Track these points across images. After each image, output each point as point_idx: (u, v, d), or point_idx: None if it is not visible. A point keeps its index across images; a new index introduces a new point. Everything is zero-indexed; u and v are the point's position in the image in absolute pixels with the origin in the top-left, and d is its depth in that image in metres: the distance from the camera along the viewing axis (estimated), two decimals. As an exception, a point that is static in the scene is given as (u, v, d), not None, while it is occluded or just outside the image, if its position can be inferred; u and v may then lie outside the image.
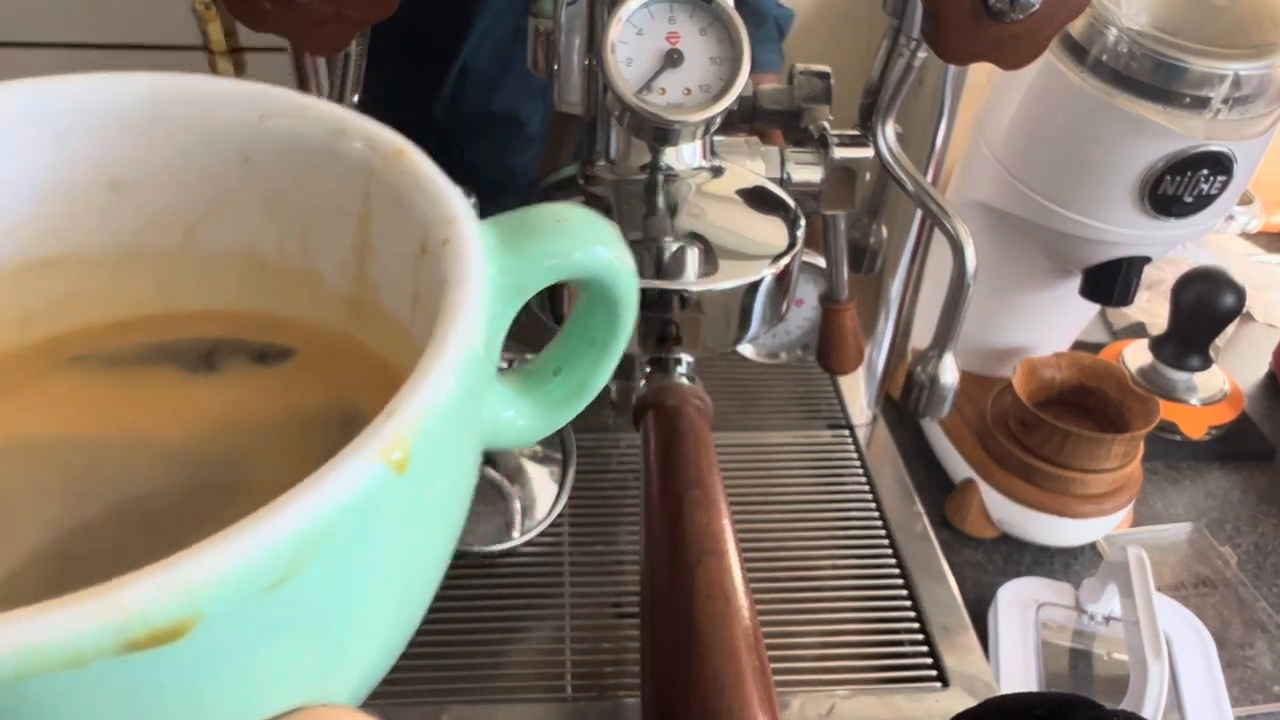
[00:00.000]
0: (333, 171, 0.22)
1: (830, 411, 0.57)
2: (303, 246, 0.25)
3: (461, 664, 0.41)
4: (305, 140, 0.22)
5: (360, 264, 0.24)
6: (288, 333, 0.26)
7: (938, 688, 0.41)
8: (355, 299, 0.24)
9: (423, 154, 0.22)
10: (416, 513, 0.17)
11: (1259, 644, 0.54)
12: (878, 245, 0.50)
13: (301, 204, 0.24)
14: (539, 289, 0.22)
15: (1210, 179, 0.48)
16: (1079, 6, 0.33)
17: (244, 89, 0.23)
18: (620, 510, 0.49)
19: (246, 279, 0.25)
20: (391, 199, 0.21)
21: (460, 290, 0.18)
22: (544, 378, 0.25)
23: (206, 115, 0.23)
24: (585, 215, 0.22)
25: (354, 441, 0.15)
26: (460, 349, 0.17)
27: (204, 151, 0.23)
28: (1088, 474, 0.55)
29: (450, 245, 0.19)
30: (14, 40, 0.73)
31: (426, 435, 0.16)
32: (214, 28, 0.71)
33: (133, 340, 0.25)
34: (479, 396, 0.19)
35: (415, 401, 0.16)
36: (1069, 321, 0.64)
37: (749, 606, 0.28)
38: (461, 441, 0.19)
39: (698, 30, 0.34)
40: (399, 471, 0.15)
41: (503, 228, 0.21)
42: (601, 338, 0.25)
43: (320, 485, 0.14)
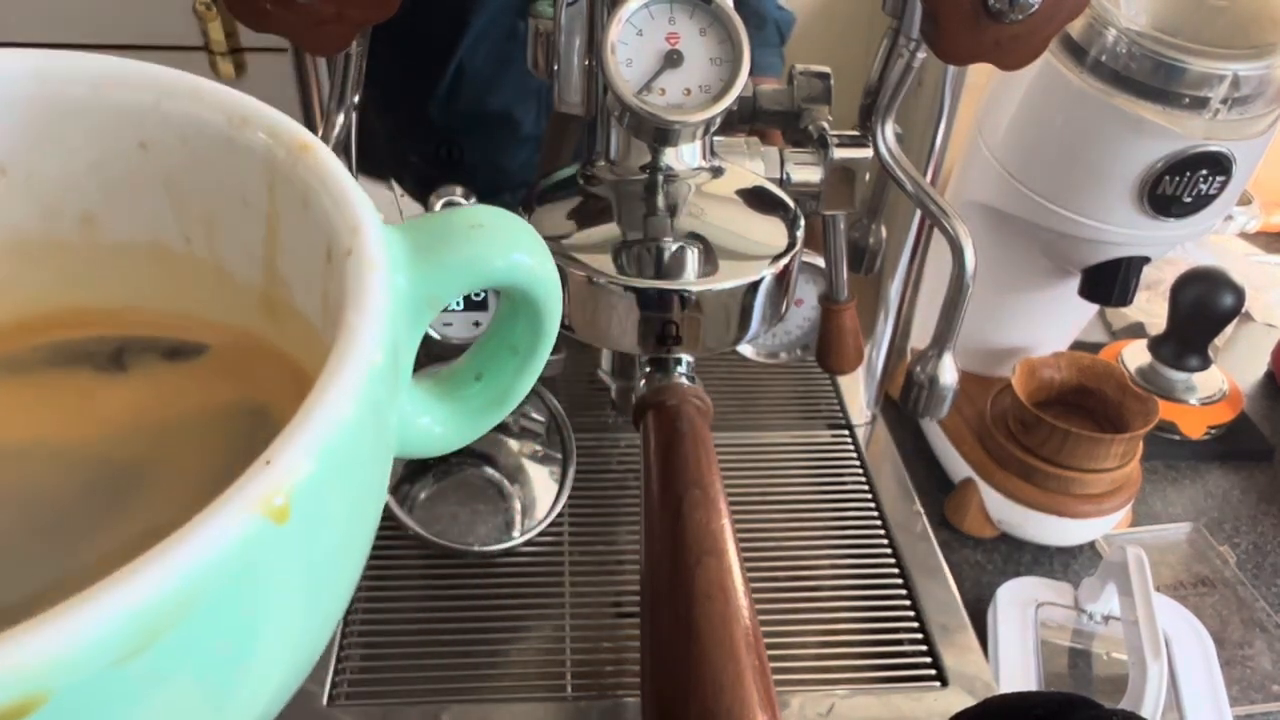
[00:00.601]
0: (235, 162, 0.21)
1: (830, 411, 0.57)
2: (209, 239, 0.23)
3: (461, 664, 0.41)
4: (204, 127, 0.21)
5: (271, 259, 0.23)
6: (200, 330, 0.24)
7: (937, 687, 0.41)
8: (268, 295, 0.23)
9: (330, 151, 0.20)
10: (306, 555, 0.16)
11: (1258, 643, 0.54)
12: (877, 245, 0.50)
13: (205, 194, 0.22)
14: (454, 298, 0.21)
15: (1209, 179, 0.48)
16: (1078, 7, 0.33)
17: (138, 70, 0.21)
18: (620, 510, 0.49)
19: (154, 272, 0.24)
20: (297, 198, 0.20)
21: (358, 312, 0.17)
22: (464, 383, 0.24)
23: (95, 95, 0.21)
24: (502, 219, 0.21)
25: (227, 491, 0.14)
26: (354, 381, 0.16)
27: (96, 135, 0.22)
28: (1087, 474, 0.55)
29: (354, 257, 0.18)
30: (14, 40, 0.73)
31: (313, 478, 0.15)
32: (214, 28, 0.71)
33: (37, 340, 0.24)
34: (382, 414, 0.18)
35: (297, 444, 0.15)
36: (1068, 321, 0.64)
37: (749, 606, 0.28)
38: (359, 468, 0.17)
39: (698, 31, 0.34)
40: (279, 522, 0.14)
41: (413, 235, 0.20)
42: (524, 346, 0.24)
43: (180, 546, 0.13)
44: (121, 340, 0.24)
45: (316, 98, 0.43)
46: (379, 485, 0.19)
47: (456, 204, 0.47)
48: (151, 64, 0.21)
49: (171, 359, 0.24)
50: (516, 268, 0.21)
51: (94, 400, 0.23)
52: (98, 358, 0.24)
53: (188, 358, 0.24)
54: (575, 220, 0.37)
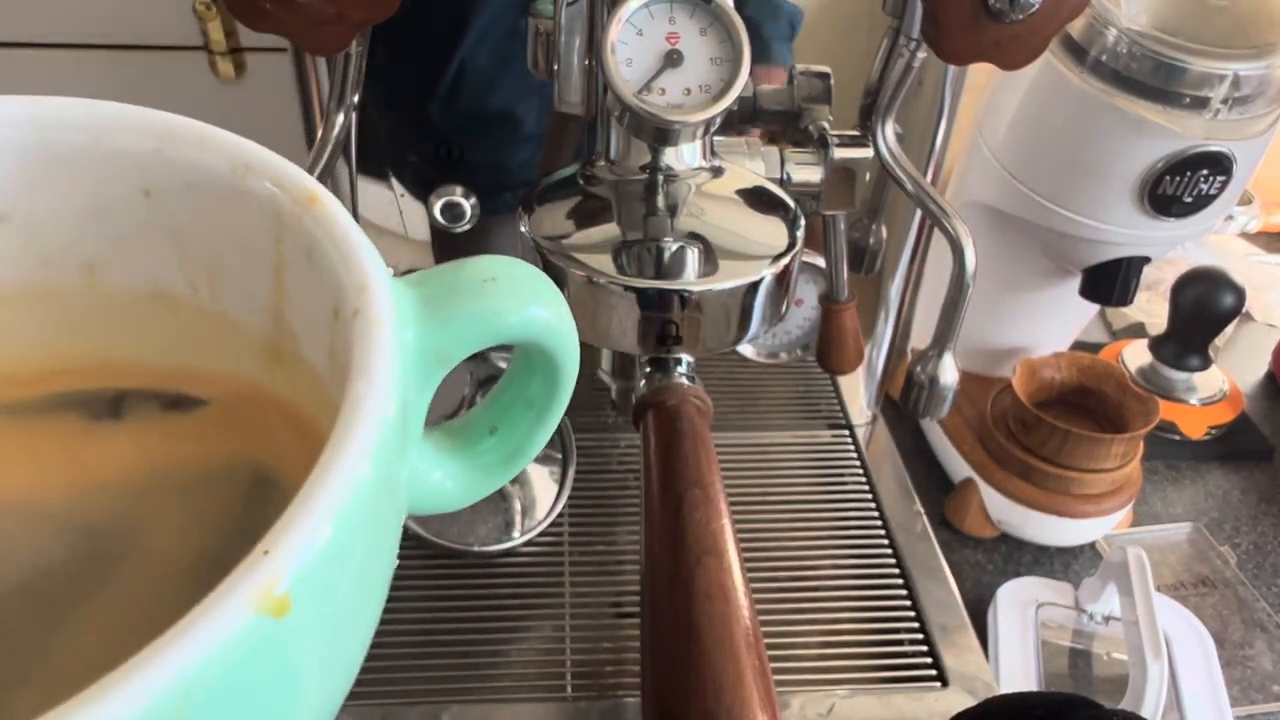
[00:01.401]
0: (240, 211, 0.21)
1: (830, 411, 0.57)
2: (214, 288, 0.23)
3: (461, 664, 0.41)
4: (208, 174, 0.20)
5: (277, 308, 0.22)
6: (202, 381, 0.24)
7: (937, 687, 0.41)
8: (274, 345, 0.23)
9: (338, 203, 0.20)
10: (313, 636, 0.15)
11: (1258, 644, 0.54)
12: (877, 245, 0.50)
13: (210, 242, 0.22)
14: (468, 355, 0.20)
15: (1210, 179, 0.48)
16: (1079, 6, 0.33)
17: (138, 116, 0.21)
18: (620, 510, 0.49)
19: (157, 320, 0.23)
20: (303, 250, 0.20)
21: (365, 377, 0.16)
22: (478, 437, 0.23)
23: (95, 142, 0.21)
24: (516, 271, 0.20)
25: (220, 587, 0.13)
26: (360, 450, 0.15)
27: (97, 183, 0.21)
28: (1087, 474, 0.55)
29: (360, 317, 0.17)
30: (14, 40, 0.73)
31: (318, 559, 0.14)
32: (214, 28, 0.71)
33: (34, 390, 0.23)
34: (393, 477, 0.17)
35: (298, 532, 0.14)
36: (1068, 321, 0.64)
37: (749, 606, 0.28)
38: (370, 536, 0.17)
39: (698, 30, 0.34)
40: (277, 615, 0.13)
41: (424, 289, 0.19)
42: (540, 400, 0.23)
43: (169, 650, 0.12)
44: (120, 391, 0.23)
45: (316, 98, 0.43)
46: (390, 549, 0.19)
47: (456, 204, 0.47)
48: (154, 110, 0.21)
49: (170, 410, 0.23)
50: (531, 322, 0.20)
51: (85, 451, 0.22)
52: (95, 405, 0.23)
53: (187, 409, 0.23)
54: (575, 220, 0.37)
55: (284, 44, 0.35)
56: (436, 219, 0.47)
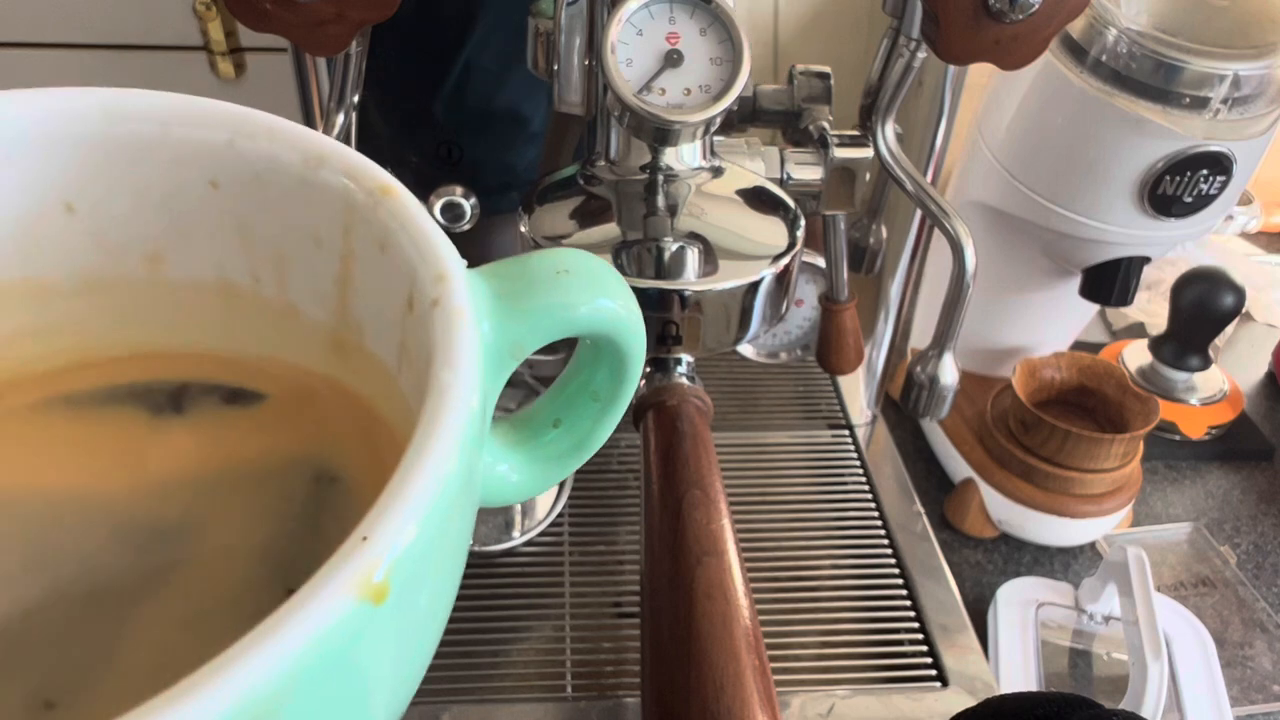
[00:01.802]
0: (309, 202, 0.21)
1: (830, 411, 0.57)
2: (279, 279, 0.23)
3: (461, 664, 0.41)
4: (279, 166, 0.20)
5: (343, 301, 0.22)
6: (264, 373, 0.24)
7: (937, 687, 0.41)
8: (338, 337, 0.22)
9: (411, 195, 0.20)
10: (402, 624, 0.15)
11: (1258, 644, 0.54)
12: (878, 245, 0.50)
13: (276, 233, 0.22)
14: (539, 347, 0.20)
15: (1210, 179, 0.48)
16: (1079, 6, 0.33)
17: (210, 108, 0.21)
18: (620, 510, 0.49)
19: (220, 311, 0.23)
20: (375, 241, 0.20)
21: (450, 368, 0.16)
22: (542, 429, 0.23)
23: (165, 134, 0.21)
24: (588, 264, 0.20)
25: (320, 572, 0.13)
26: (452, 441, 0.15)
27: (165, 173, 0.21)
28: (1087, 474, 0.55)
29: (440, 308, 0.17)
30: (14, 40, 0.73)
31: (412, 547, 0.14)
32: (214, 28, 0.71)
33: (97, 381, 0.23)
34: (474, 469, 0.17)
35: (397, 513, 0.14)
36: (1069, 321, 0.64)
37: (749, 606, 0.28)
38: (454, 528, 0.17)
39: (698, 30, 0.34)
40: (376, 602, 0.13)
41: (498, 281, 0.19)
42: (606, 393, 0.23)
43: (275, 636, 0.12)
44: (181, 384, 0.23)
45: (316, 98, 0.43)
46: (466, 540, 0.19)
47: (456, 204, 0.47)
48: (224, 102, 0.21)
49: (231, 404, 0.23)
50: (602, 313, 0.20)
51: (146, 445, 0.22)
52: (156, 397, 0.23)
53: (248, 403, 0.23)
54: (575, 220, 0.37)
55: (284, 44, 0.35)
56: (436, 219, 0.47)
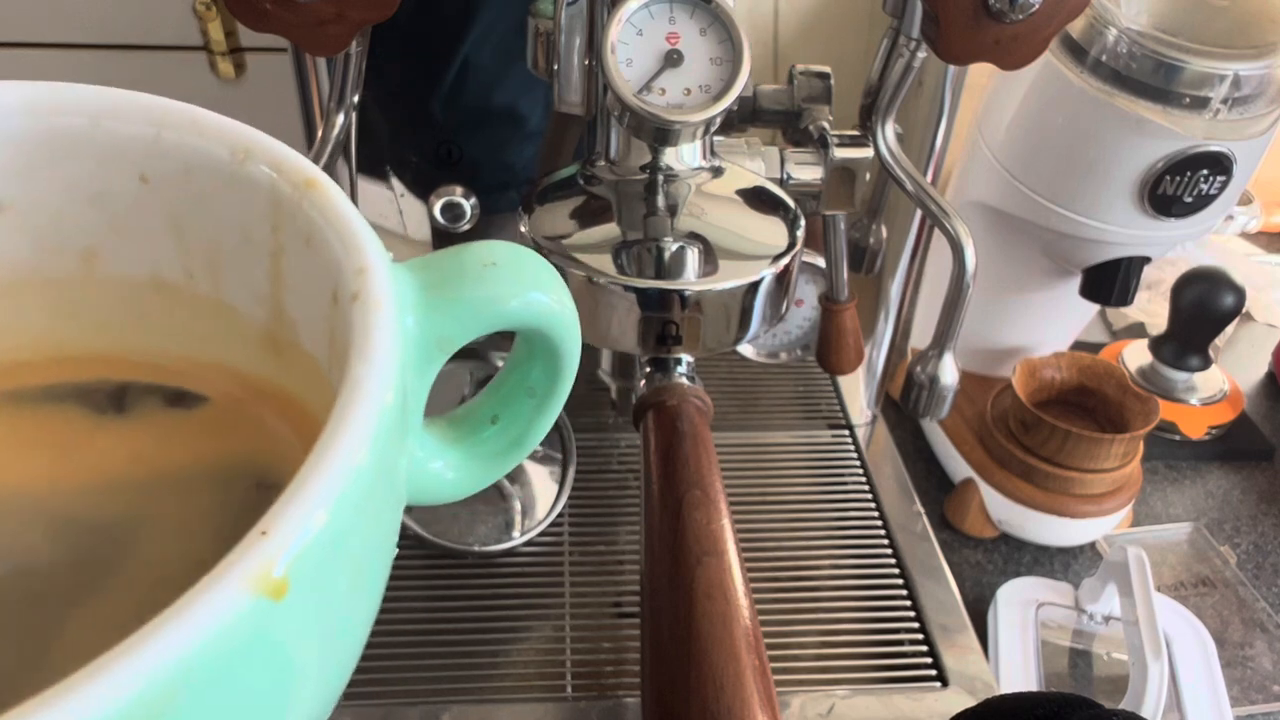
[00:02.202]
0: (238, 197, 0.20)
1: (830, 411, 0.57)
2: (213, 275, 0.22)
3: (461, 664, 0.41)
4: (206, 160, 0.20)
5: (276, 298, 0.22)
6: (203, 375, 0.23)
7: (937, 687, 0.41)
8: (273, 334, 0.22)
9: (337, 187, 0.20)
10: (311, 621, 0.15)
11: (1258, 644, 0.54)
12: (878, 245, 0.50)
13: (208, 229, 0.22)
14: (468, 341, 0.20)
15: (1210, 179, 0.48)
16: (1079, 6, 0.33)
17: (136, 101, 0.21)
18: (620, 510, 0.49)
19: (156, 309, 0.23)
20: (301, 235, 0.19)
21: (364, 360, 0.16)
22: (479, 426, 0.23)
23: (94, 128, 0.21)
24: (518, 256, 0.20)
25: (217, 567, 0.13)
26: (359, 435, 0.15)
27: (96, 169, 0.21)
28: (1087, 474, 0.55)
29: (359, 301, 0.17)
30: (14, 40, 0.73)
31: (316, 541, 0.14)
32: (214, 28, 0.71)
33: (34, 380, 0.23)
34: (391, 464, 0.17)
35: (298, 506, 0.14)
36: (1069, 321, 0.64)
37: (749, 606, 0.28)
38: (368, 524, 0.16)
39: (697, 30, 0.34)
40: (275, 598, 0.13)
41: (424, 274, 0.19)
42: (541, 388, 0.23)
43: (165, 632, 0.12)
44: (122, 384, 0.23)
45: (316, 98, 0.43)
46: (388, 538, 0.18)
47: (456, 204, 0.47)
48: (150, 95, 0.21)
49: (173, 406, 0.23)
50: (532, 307, 0.20)
51: (88, 444, 0.22)
52: (97, 397, 0.23)
53: (189, 405, 0.23)
54: (575, 220, 0.37)
55: (284, 44, 0.35)
56: (436, 219, 0.47)
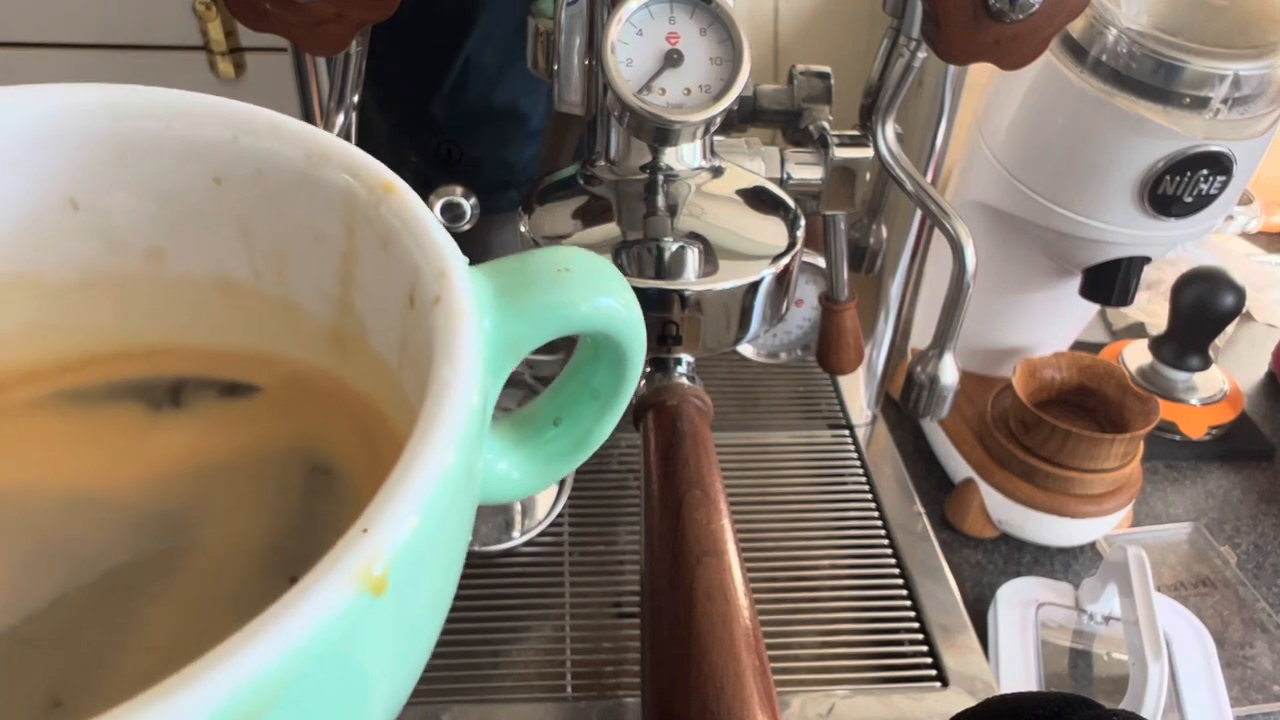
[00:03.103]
0: (312, 199, 0.21)
1: (830, 411, 0.57)
2: (280, 275, 0.23)
3: (461, 664, 0.41)
4: (282, 163, 0.21)
5: (345, 297, 0.22)
6: (264, 367, 0.24)
7: (937, 687, 0.41)
8: (339, 333, 0.23)
9: (413, 193, 0.20)
10: (402, 617, 0.15)
11: (1259, 644, 0.54)
12: (878, 245, 0.50)
13: (278, 230, 0.22)
14: (540, 344, 0.20)
15: (1210, 179, 0.48)
16: (1079, 6, 0.33)
17: (213, 104, 0.21)
18: (620, 510, 0.49)
19: (220, 306, 0.24)
20: (377, 238, 0.20)
21: (451, 364, 0.16)
22: (542, 427, 0.23)
23: (169, 130, 0.21)
24: (589, 262, 0.20)
25: (321, 563, 0.13)
26: (452, 435, 0.15)
27: (169, 170, 0.21)
28: (1087, 474, 0.55)
29: (442, 305, 0.17)
30: (14, 40, 0.73)
31: (412, 540, 0.14)
32: (214, 27, 0.71)
33: (97, 375, 0.23)
34: (473, 465, 0.18)
35: (395, 512, 0.14)
36: (1069, 321, 0.64)
37: (749, 606, 0.28)
38: (453, 523, 0.17)
39: (698, 30, 0.34)
40: (377, 594, 0.13)
41: (499, 279, 0.19)
42: (606, 391, 0.23)
43: (276, 626, 0.12)
44: (180, 378, 0.24)
45: (316, 98, 0.43)
46: (465, 536, 0.19)
47: (456, 204, 0.47)
48: (227, 99, 0.21)
49: (228, 396, 0.23)
50: (602, 311, 0.20)
51: (146, 439, 0.22)
52: (155, 392, 0.23)
53: (244, 395, 0.23)
54: (575, 220, 0.37)
55: (284, 44, 0.35)
56: (437, 219, 0.47)
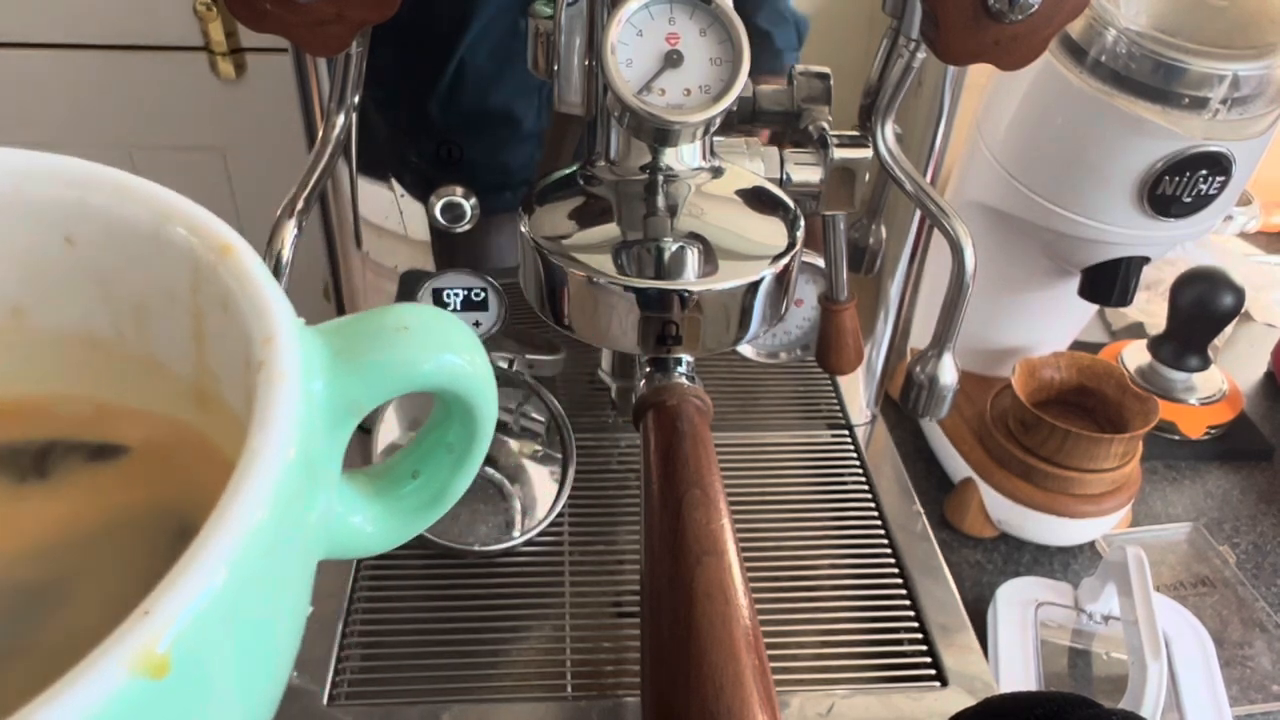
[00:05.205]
0: (160, 259, 0.21)
1: (830, 411, 0.57)
2: (140, 332, 0.23)
3: (461, 664, 0.41)
4: (129, 223, 0.21)
5: (200, 354, 0.22)
6: (130, 425, 0.24)
7: (937, 687, 0.42)
8: (200, 389, 0.23)
9: (254, 253, 0.20)
10: (201, 690, 0.15)
11: (1258, 643, 0.54)
12: (877, 245, 0.50)
13: (134, 288, 0.22)
14: (381, 403, 0.20)
15: (1209, 179, 0.48)
16: (1078, 7, 0.33)
17: (59, 164, 0.21)
18: (620, 510, 0.49)
19: (86, 362, 0.24)
20: (218, 300, 0.20)
21: (261, 435, 0.16)
22: (399, 480, 0.23)
23: (19, 191, 0.21)
24: (430, 319, 0.20)
25: (95, 651, 0.13)
26: (247, 519, 0.15)
27: (21, 229, 0.21)
28: (1087, 474, 0.55)
29: (264, 371, 0.18)
30: (14, 40, 0.73)
31: (200, 622, 0.14)
32: (215, 28, 0.71)
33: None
34: (293, 530, 0.17)
35: (177, 592, 0.14)
36: (1068, 321, 0.64)
37: (749, 606, 0.28)
38: (266, 593, 0.16)
39: (697, 31, 0.34)
40: (157, 676, 0.13)
41: (335, 339, 0.19)
42: (459, 445, 0.23)
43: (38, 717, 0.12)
44: (48, 441, 0.23)
45: (316, 98, 0.43)
46: (297, 594, 0.19)
47: (456, 204, 0.47)
48: (73, 158, 0.21)
49: (95, 460, 0.23)
50: (444, 369, 0.20)
51: (8, 513, 0.22)
52: (20, 460, 0.23)
53: (112, 458, 0.23)
54: (575, 220, 0.37)
55: (284, 44, 0.35)
56: (436, 219, 0.47)
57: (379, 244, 0.49)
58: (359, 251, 0.49)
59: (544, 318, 0.38)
